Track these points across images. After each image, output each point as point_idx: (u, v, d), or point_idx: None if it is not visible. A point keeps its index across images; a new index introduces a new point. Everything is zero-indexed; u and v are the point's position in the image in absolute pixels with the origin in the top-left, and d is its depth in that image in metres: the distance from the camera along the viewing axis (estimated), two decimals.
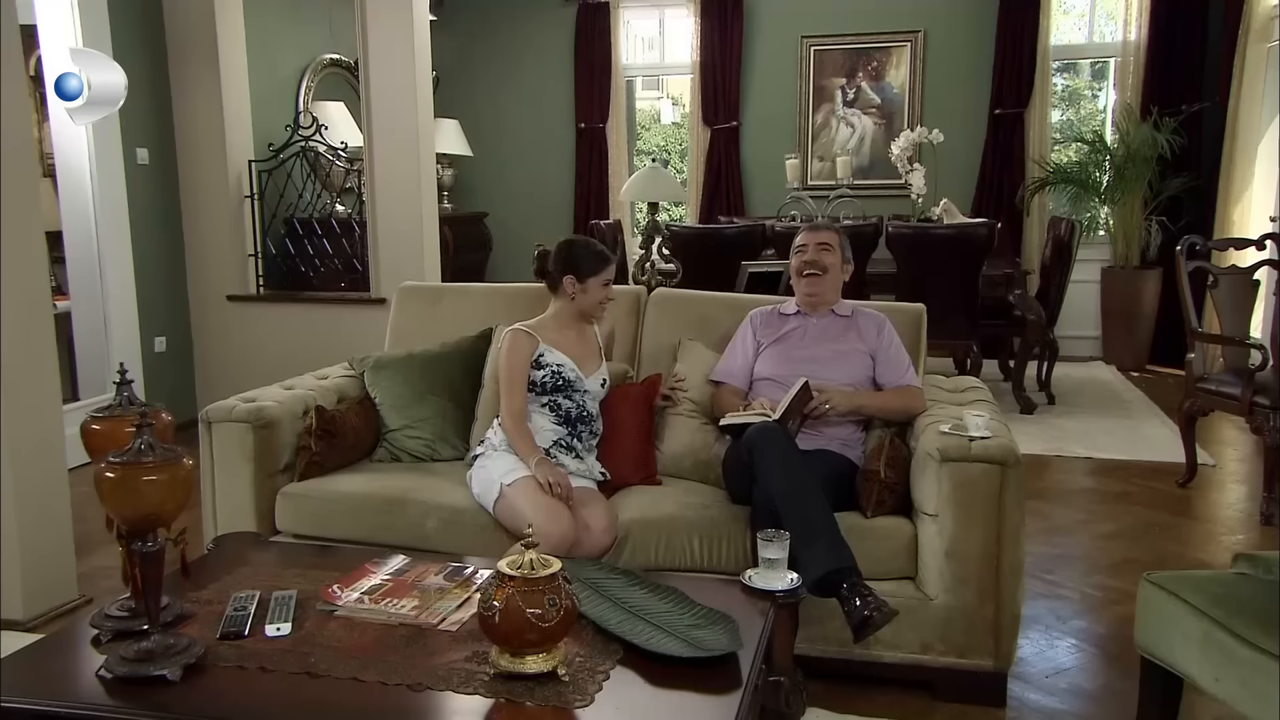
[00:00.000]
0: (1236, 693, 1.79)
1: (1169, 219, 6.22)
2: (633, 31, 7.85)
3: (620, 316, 3.08)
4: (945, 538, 2.36)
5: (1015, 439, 2.47)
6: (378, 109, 4.89)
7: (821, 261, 2.86)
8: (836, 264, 2.90)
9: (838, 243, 2.91)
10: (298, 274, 5.46)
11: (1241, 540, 3.58)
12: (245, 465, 2.75)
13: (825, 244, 2.89)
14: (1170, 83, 6.30)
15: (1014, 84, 6.61)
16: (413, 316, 3.33)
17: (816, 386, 2.66)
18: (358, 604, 1.92)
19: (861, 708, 2.40)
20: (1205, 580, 2.00)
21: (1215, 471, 4.33)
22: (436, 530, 2.61)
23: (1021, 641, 2.74)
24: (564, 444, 2.68)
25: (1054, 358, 5.59)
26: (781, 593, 2.01)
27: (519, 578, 1.61)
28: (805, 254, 2.89)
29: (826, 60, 7.05)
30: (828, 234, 2.93)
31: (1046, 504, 3.98)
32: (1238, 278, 4.05)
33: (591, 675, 1.66)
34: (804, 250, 2.89)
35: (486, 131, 7.46)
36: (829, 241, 2.90)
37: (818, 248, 2.88)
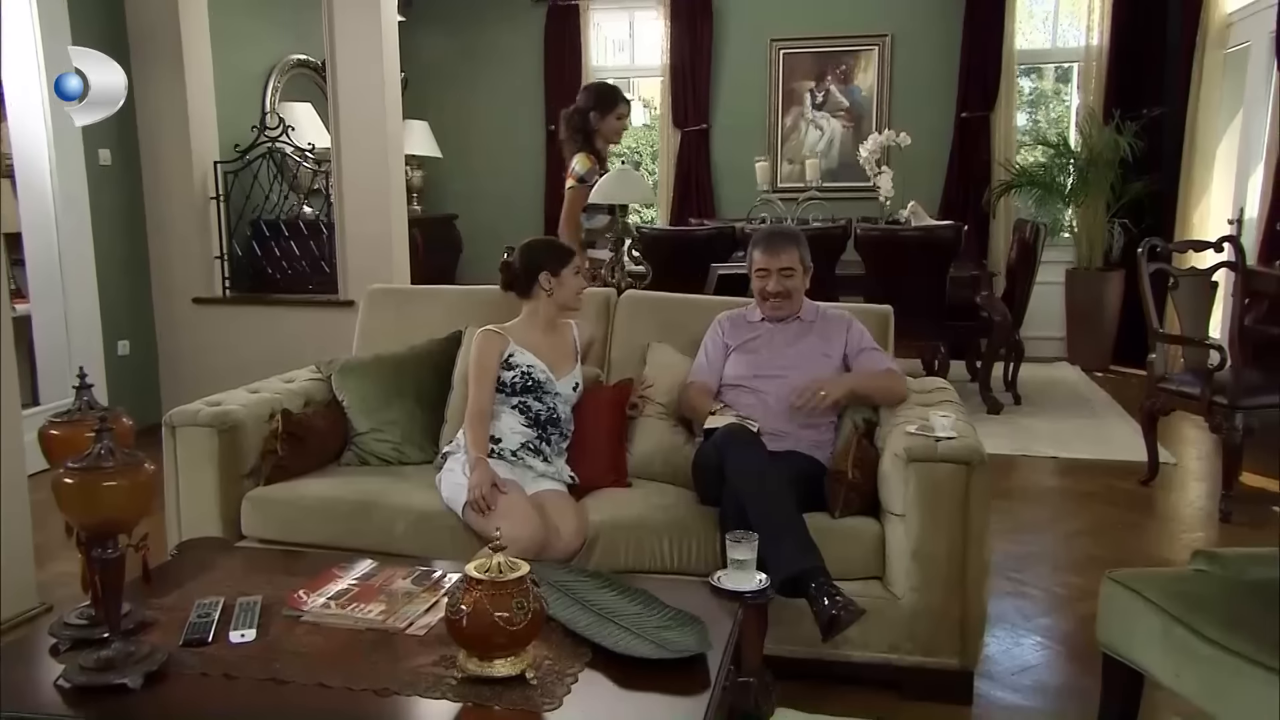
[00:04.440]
0: (1196, 688, 1.82)
1: (1131, 221, 6.32)
2: (603, 33, 7.85)
3: (590, 318, 3.08)
4: (912, 538, 2.38)
5: (981, 439, 2.49)
6: (345, 110, 4.86)
7: (785, 290, 2.83)
8: (799, 284, 2.86)
9: (799, 260, 2.84)
10: (265, 276, 5.40)
11: (1201, 537, 3.64)
12: (210, 470, 2.72)
13: (788, 270, 2.82)
14: (1131, 87, 6.40)
15: (980, 88, 6.68)
16: (381, 319, 3.31)
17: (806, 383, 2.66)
18: (324, 609, 1.90)
19: (830, 707, 2.41)
20: (1165, 578, 2.04)
21: (1176, 470, 4.40)
22: (405, 534, 2.60)
23: (988, 640, 2.78)
24: (532, 446, 2.68)
25: (1020, 359, 5.66)
26: (750, 594, 2.01)
27: (486, 581, 1.60)
28: (768, 282, 2.82)
29: (795, 63, 7.09)
30: (788, 255, 2.82)
31: (1013, 503, 4.02)
32: (1197, 279, 4.12)
33: (560, 678, 1.65)
34: (766, 276, 2.83)
35: (456, 133, 7.43)
36: (791, 266, 2.82)
37: (781, 276, 2.81)
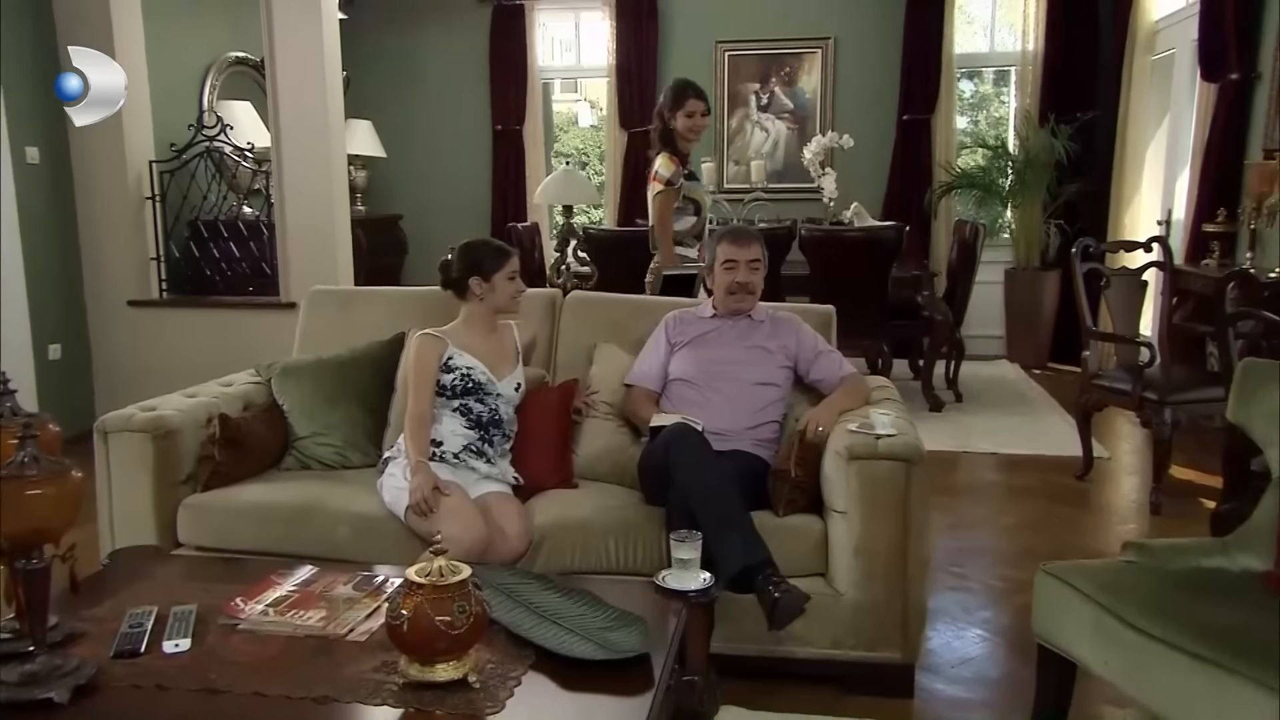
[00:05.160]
0: (1124, 675, 1.88)
1: (1066, 222, 6.48)
2: (549, 34, 7.84)
3: (535, 320, 3.07)
4: (854, 534, 2.42)
5: (923, 436, 2.54)
6: (286, 109, 4.78)
7: (753, 283, 2.87)
8: (761, 280, 2.92)
9: (762, 254, 2.91)
10: (203, 278, 5.29)
11: (1133, 529, 3.75)
12: (144, 476, 2.65)
13: (755, 261, 2.88)
14: (1066, 91, 6.56)
15: (920, 91, 6.80)
16: (323, 321, 3.26)
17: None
18: (262, 616, 1.87)
19: (776, 704, 2.43)
20: (1096, 569, 2.09)
21: (1110, 464, 4.53)
22: (347, 539, 2.56)
23: (930, 633, 2.83)
24: (474, 449, 2.66)
25: (961, 357, 5.77)
26: (694, 593, 2.02)
27: (427, 585, 1.59)
28: (737, 273, 2.86)
29: (741, 65, 7.14)
30: (756, 248, 2.90)
31: (954, 499, 4.10)
32: (1128, 279, 4.24)
33: (503, 681, 1.65)
34: (735, 268, 2.86)
35: (401, 133, 7.35)
36: (759, 259, 2.89)
37: (749, 267, 2.86)
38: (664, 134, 3.93)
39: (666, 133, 3.92)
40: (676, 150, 3.92)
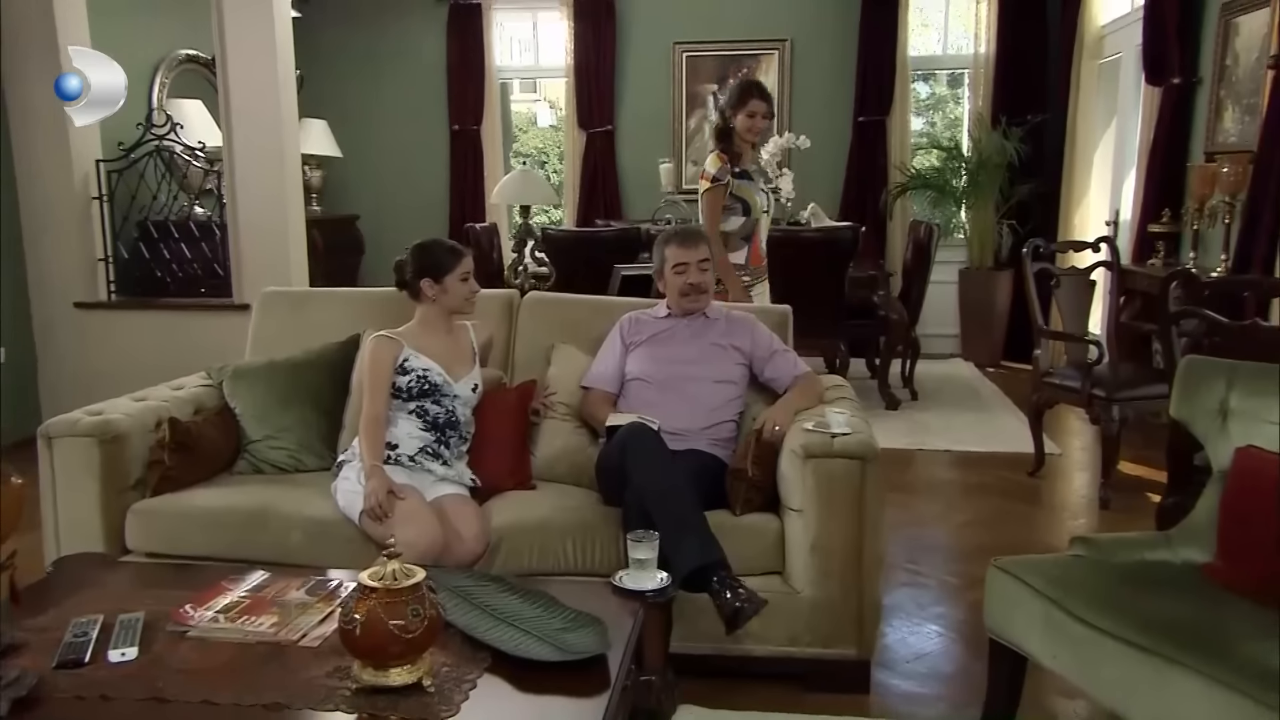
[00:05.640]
0: (1072, 667, 1.92)
1: (1019, 223, 6.60)
2: (506, 33, 7.80)
3: (493, 321, 3.06)
4: (810, 532, 2.44)
5: (879, 434, 2.57)
6: (238, 107, 4.70)
7: (704, 283, 2.90)
8: (712, 279, 2.95)
9: (710, 254, 2.95)
10: (153, 279, 5.19)
11: (1083, 524, 3.83)
12: (91, 482, 2.60)
13: (705, 261, 2.91)
14: (1017, 94, 6.67)
15: (876, 93, 6.87)
16: (276, 323, 3.22)
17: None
18: (212, 623, 1.84)
19: (734, 702, 2.44)
20: (1044, 564, 2.13)
21: (1061, 460, 4.61)
22: (301, 544, 2.53)
23: (886, 630, 2.86)
24: (431, 451, 2.64)
25: (916, 356, 5.84)
26: (651, 592, 2.03)
27: (381, 589, 1.58)
28: (688, 275, 2.89)
29: (699, 66, 7.17)
30: (705, 248, 2.94)
31: (910, 496, 4.15)
32: (1077, 278, 4.33)
33: (458, 684, 1.64)
34: (685, 269, 2.89)
35: (357, 132, 7.27)
36: (708, 257, 2.93)
37: (699, 268, 2.89)
38: (721, 131, 3.88)
39: (724, 130, 3.86)
40: (731, 148, 3.83)
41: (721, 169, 3.80)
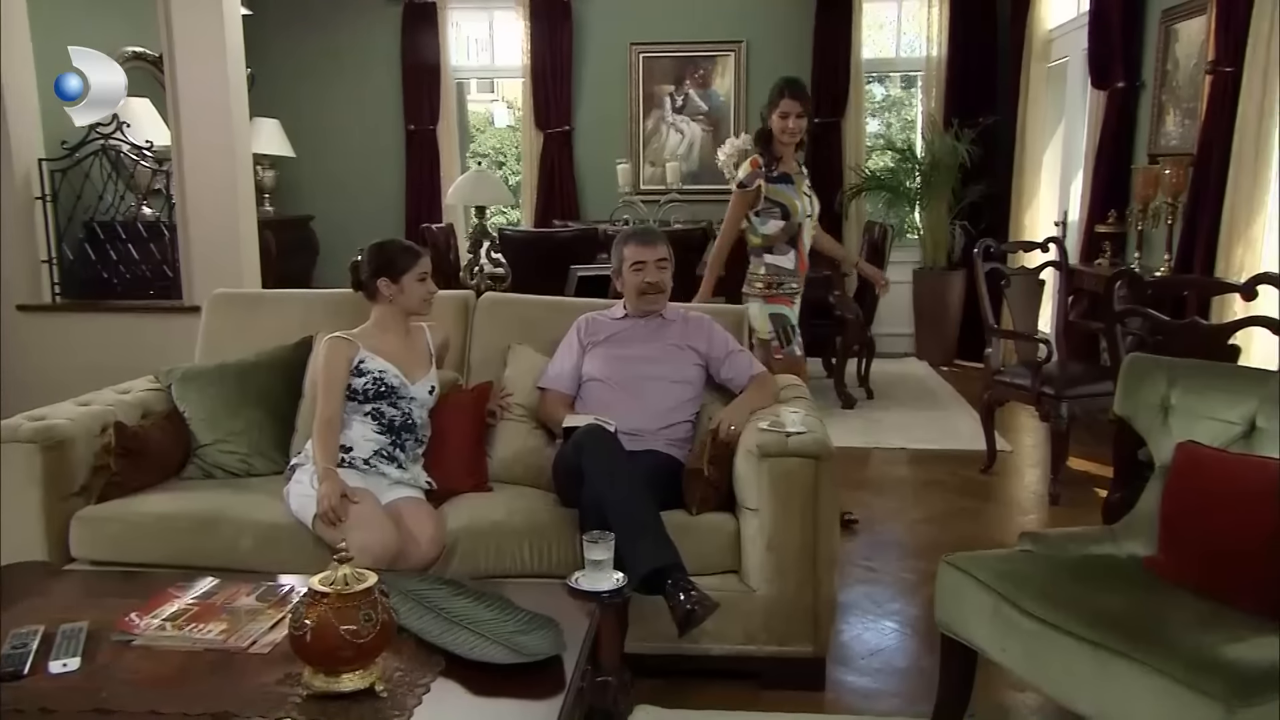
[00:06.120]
0: (1020, 660, 1.95)
1: (971, 223, 6.70)
2: (462, 33, 7.75)
3: (448, 322, 3.04)
4: (765, 531, 2.45)
5: (836, 433, 2.60)
6: (186, 106, 4.61)
7: (662, 282, 2.92)
8: (670, 279, 2.96)
9: (669, 253, 2.95)
10: (100, 281, 5.07)
11: (1033, 519, 3.90)
12: (33, 489, 2.54)
13: (663, 261, 2.92)
14: (968, 96, 6.78)
15: (830, 95, 6.93)
16: (227, 325, 3.17)
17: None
18: (159, 631, 1.81)
19: (691, 701, 2.46)
20: (994, 559, 2.17)
21: (1012, 457, 4.69)
22: (252, 549, 2.50)
23: (842, 626, 2.90)
24: (385, 454, 2.61)
25: (871, 355, 5.91)
26: (606, 593, 2.03)
27: (332, 594, 1.56)
28: (646, 273, 2.90)
29: (655, 67, 7.19)
30: (663, 247, 2.95)
31: (867, 494, 4.19)
32: (1027, 278, 4.41)
33: (411, 689, 1.63)
34: (643, 268, 2.90)
35: (310, 132, 7.18)
36: (666, 258, 2.93)
37: (657, 267, 2.90)
38: (761, 134, 3.67)
39: (763, 133, 3.65)
40: (770, 151, 3.62)
41: (751, 174, 3.60)
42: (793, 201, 3.61)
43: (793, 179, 3.64)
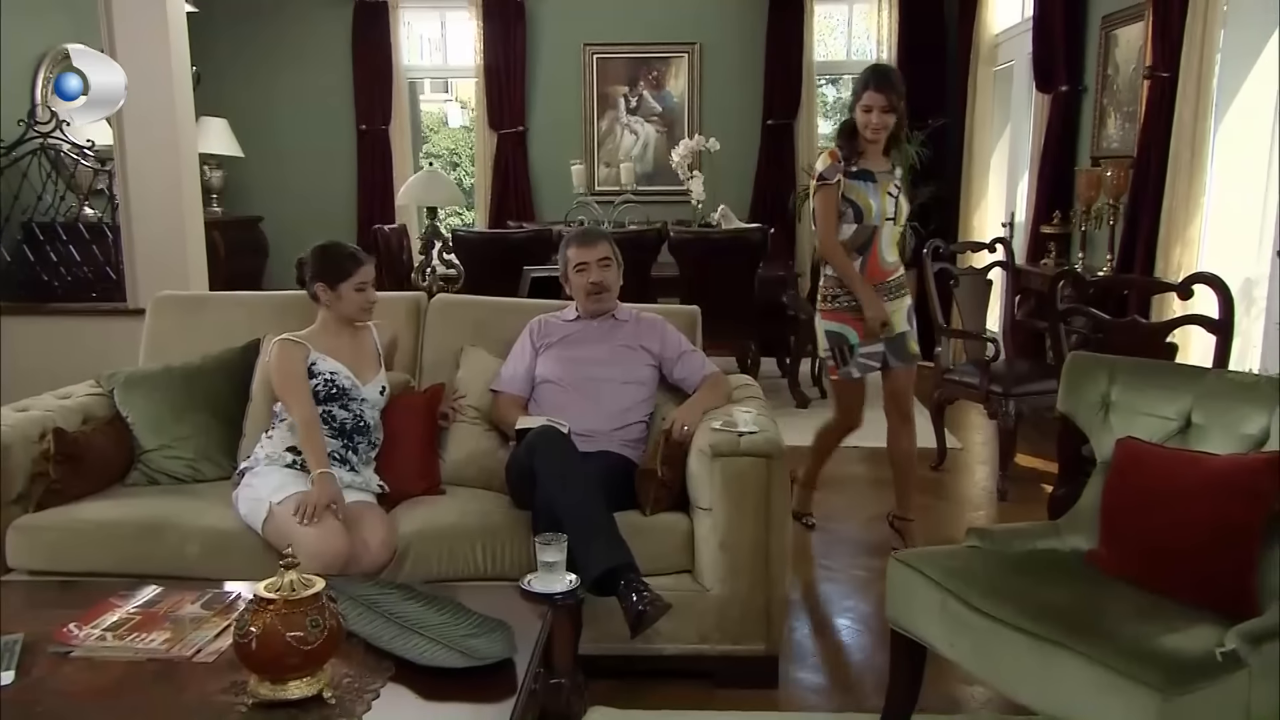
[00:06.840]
0: (969, 655, 1.98)
1: (921, 224, 6.78)
2: (414, 32, 7.68)
3: (400, 323, 3.01)
4: (718, 531, 2.47)
5: (790, 432, 2.62)
6: (129, 105, 4.49)
7: (606, 281, 2.92)
8: (616, 278, 2.97)
9: (612, 252, 2.96)
10: (39, 284, 4.93)
11: (983, 515, 3.97)
12: None
13: (606, 260, 2.93)
14: (917, 99, 6.75)
15: (783, 96, 6.99)
16: (172, 328, 3.11)
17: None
18: (99, 642, 1.77)
19: (646, 701, 2.46)
20: (942, 555, 2.20)
21: (963, 454, 4.77)
22: (199, 556, 2.45)
23: (795, 624, 2.92)
24: (338, 456, 2.58)
25: None
26: (559, 595, 2.03)
27: (278, 600, 1.54)
28: (589, 274, 2.91)
29: (609, 68, 7.18)
30: (604, 246, 2.96)
31: (820, 492, 4.21)
32: (975, 278, 4.49)
33: (360, 695, 1.61)
34: (587, 269, 2.91)
35: (259, 132, 7.06)
36: (608, 256, 2.94)
37: (600, 266, 2.91)
38: (844, 127, 3.41)
39: (846, 126, 3.39)
40: (853, 145, 3.34)
41: (831, 167, 3.30)
42: (868, 201, 3.29)
43: (875, 177, 3.33)
